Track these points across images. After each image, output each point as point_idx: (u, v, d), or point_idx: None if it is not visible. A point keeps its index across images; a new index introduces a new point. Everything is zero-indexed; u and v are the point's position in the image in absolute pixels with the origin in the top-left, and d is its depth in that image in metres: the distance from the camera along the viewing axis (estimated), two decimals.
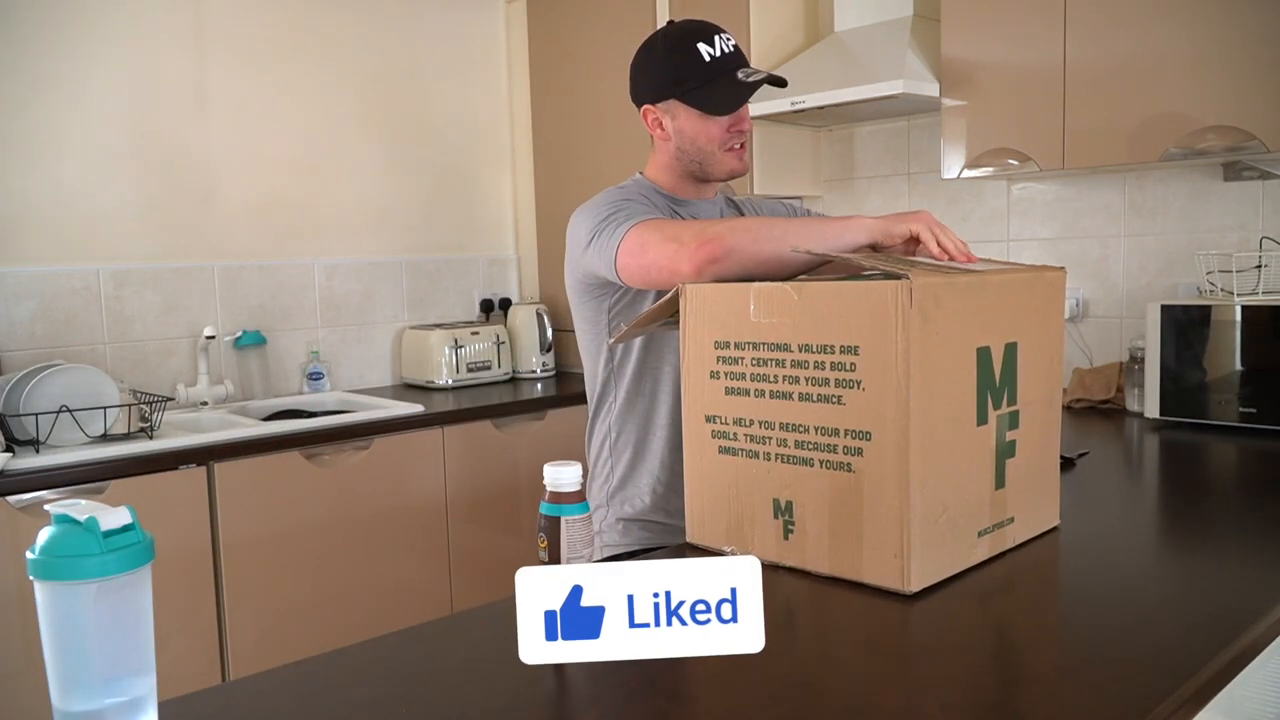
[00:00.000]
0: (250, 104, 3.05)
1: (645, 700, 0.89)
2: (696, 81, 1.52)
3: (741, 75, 1.53)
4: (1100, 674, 0.91)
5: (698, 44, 1.52)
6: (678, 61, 1.52)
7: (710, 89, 1.52)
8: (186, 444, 2.37)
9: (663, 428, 1.60)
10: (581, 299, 1.60)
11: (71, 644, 0.77)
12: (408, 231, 3.45)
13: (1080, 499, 1.55)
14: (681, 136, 1.56)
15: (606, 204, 1.51)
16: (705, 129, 1.55)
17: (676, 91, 1.53)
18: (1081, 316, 2.64)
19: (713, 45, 1.52)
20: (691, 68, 1.52)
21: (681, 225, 1.40)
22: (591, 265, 1.50)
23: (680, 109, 1.55)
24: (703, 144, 1.56)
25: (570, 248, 1.56)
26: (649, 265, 1.39)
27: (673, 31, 1.55)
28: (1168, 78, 2.11)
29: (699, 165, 1.59)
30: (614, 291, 1.56)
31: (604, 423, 1.66)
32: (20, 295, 2.64)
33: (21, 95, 2.63)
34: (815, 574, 1.18)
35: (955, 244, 1.31)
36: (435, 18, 3.50)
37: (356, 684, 0.95)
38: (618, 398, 1.63)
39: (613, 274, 1.46)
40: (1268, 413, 2.03)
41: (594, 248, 1.48)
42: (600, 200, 1.54)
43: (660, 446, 1.60)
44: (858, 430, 1.13)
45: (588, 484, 1.70)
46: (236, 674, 2.42)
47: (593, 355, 1.65)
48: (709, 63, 1.51)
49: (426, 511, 2.79)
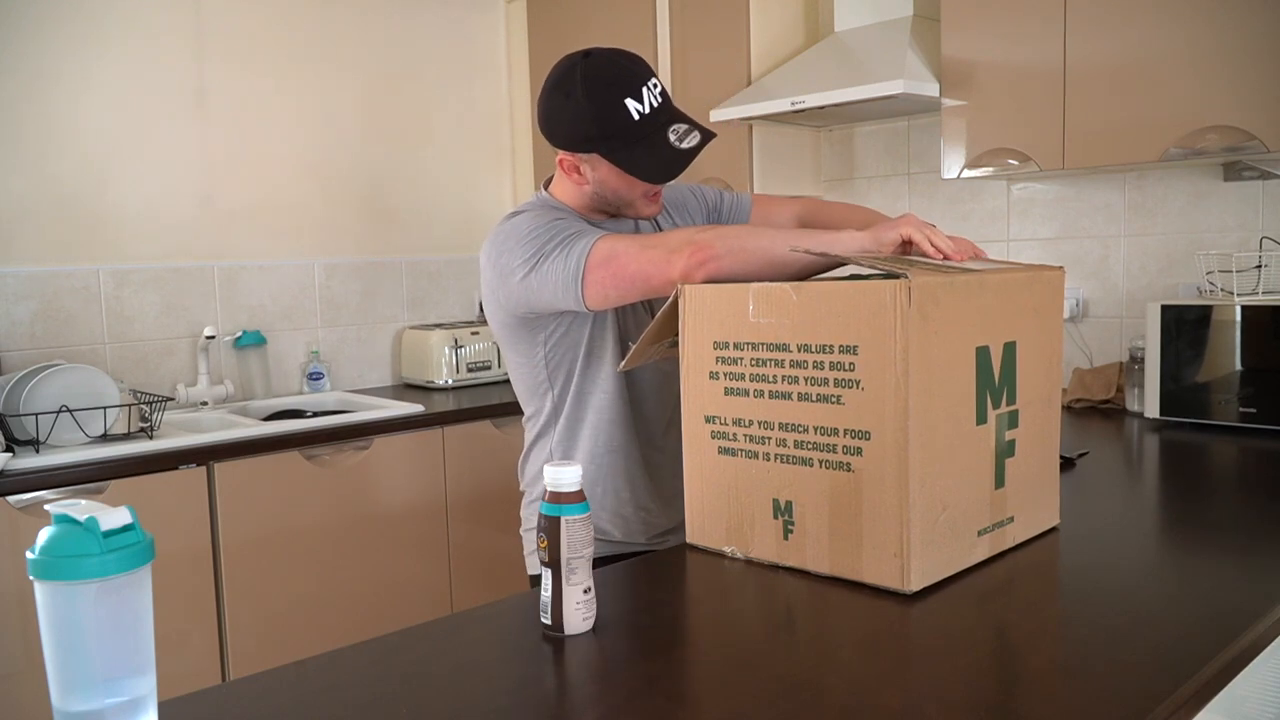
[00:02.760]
0: (250, 104, 3.05)
1: (645, 700, 0.89)
2: (623, 141, 1.39)
3: (674, 138, 1.40)
4: (1100, 674, 0.91)
5: (624, 100, 1.38)
6: (603, 117, 1.38)
7: (639, 152, 1.39)
8: (186, 444, 2.37)
9: (606, 454, 1.55)
10: (515, 334, 1.50)
11: (71, 644, 0.77)
12: (408, 231, 3.45)
13: (1080, 499, 1.55)
14: (603, 186, 1.46)
15: (539, 227, 1.40)
16: (629, 183, 1.44)
17: (601, 149, 1.41)
18: (1081, 316, 2.64)
19: (640, 100, 1.38)
20: (617, 125, 1.38)
21: (654, 235, 1.35)
22: (532, 295, 1.40)
23: (603, 164, 1.43)
24: (624, 194, 1.46)
25: (494, 282, 1.45)
26: (630, 276, 1.31)
27: (594, 79, 1.40)
28: (1168, 78, 2.11)
29: (615, 209, 1.50)
30: (549, 323, 1.48)
31: (544, 450, 1.61)
32: (20, 295, 2.64)
33: (22, 94, 2.63)
34: (815, 574, 1.18)
35: (945, 242, 1.28)
36: (435, 17, 3.50)
37: (356, 684, 0.95)
38: (556, 430, 1.57)
39: (573, 295, 1.36)
40: (1268, 413, 2.03)
41: (540, 274, 1.37)
42: (526, 226, 1.41)
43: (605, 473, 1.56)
44: (857, 430, 1.13)
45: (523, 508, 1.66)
46: (236, 674, 2.42)
47: (530, 390, 1.57)
48: (637, 122, 1.38)
49: (426, 511, 2.79)
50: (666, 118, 1.42)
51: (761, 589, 1.19)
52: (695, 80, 3.03)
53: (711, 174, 3.02)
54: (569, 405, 1.55)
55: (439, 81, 3.52)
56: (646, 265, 1.31)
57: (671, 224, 1.64)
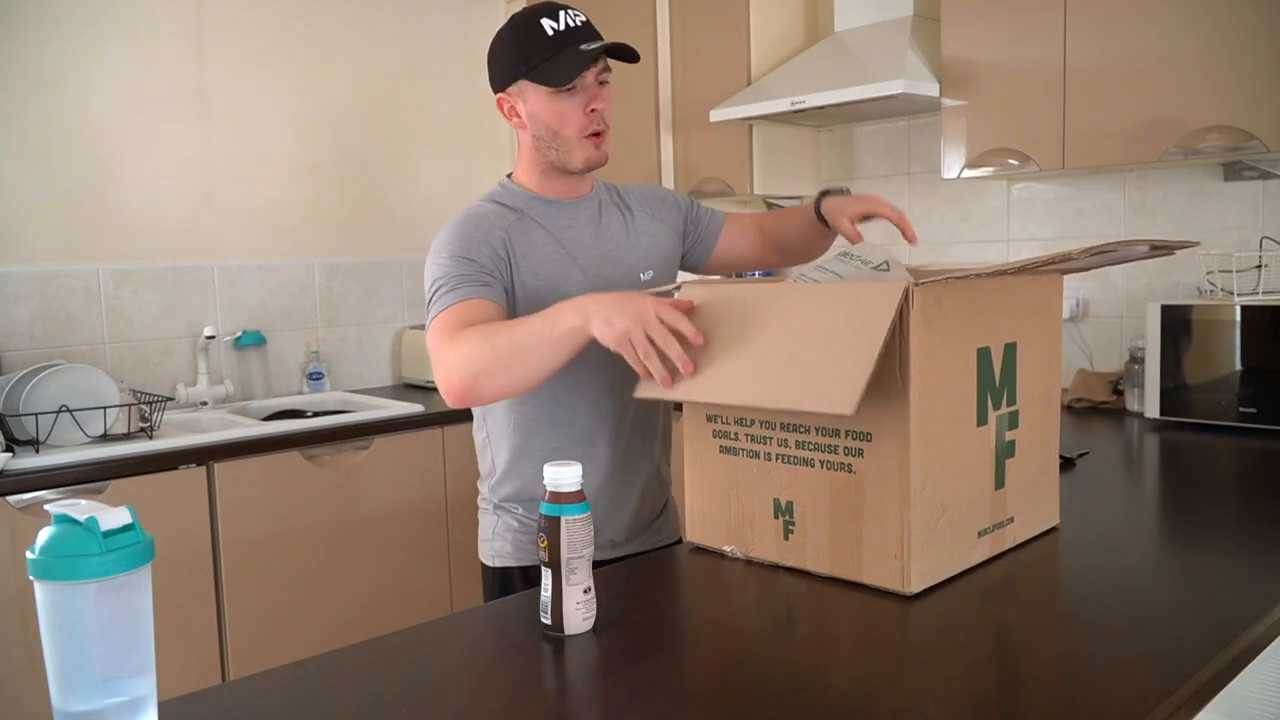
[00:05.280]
0: (250, 104, 3.05)
1: (645, 700, 0.89)
2: (541, 57, 1.44)
3: (584, 46, 1.44)
4: (1100, 674, 0.91)
5: (541, 19, 1.44)
6: (522, 40, 1.45)
7: (553, 63, 1.43)
8: (186, 444, 2.36)
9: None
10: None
11: (71, 644, 0.77)
12: (407, 231, 3.45)
13: (1080, 499, 1.55)
14: (535, 121, 1.49)
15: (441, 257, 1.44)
16: (557, 110, 1.46)
17: (523, 70, 1.45)
18: (1081, 316, 2.64)
19: (557, 20, 1.44)
20: (535, 44, 1.44)
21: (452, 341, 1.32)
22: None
23: (530, 90, 1.46)
24: (557, 128, 1.47)
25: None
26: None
27: (519, 14, 1.48)
28: (1168, 78, 2.11)
29: (555, 154, 1.50)
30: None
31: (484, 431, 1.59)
32: (20, 295, 2.64)
33: (22, 94, 2.63)
34: (815, 574, 1.18)
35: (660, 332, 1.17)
36: (435, 17, 3.50)
37: (356, 684, 0.95)
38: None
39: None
40: (1268, 413, 2.03)
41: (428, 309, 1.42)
42: (442, 241, 1.47)
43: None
44: (858, 431, 1.13)
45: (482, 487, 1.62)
46: (236, 674, 2.42)
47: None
48: (552, 36, 1.43)
49: (426, 511, 2.79)
50: (582, 36, 1.45)
51: (762, 589, 1.19)
52: (695, 80, 3.03)
53: (711, 174, 3.02)
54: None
55: (439, 81, 3.52)
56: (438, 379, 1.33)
57: (649, 221, 1.62)
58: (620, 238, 1.57)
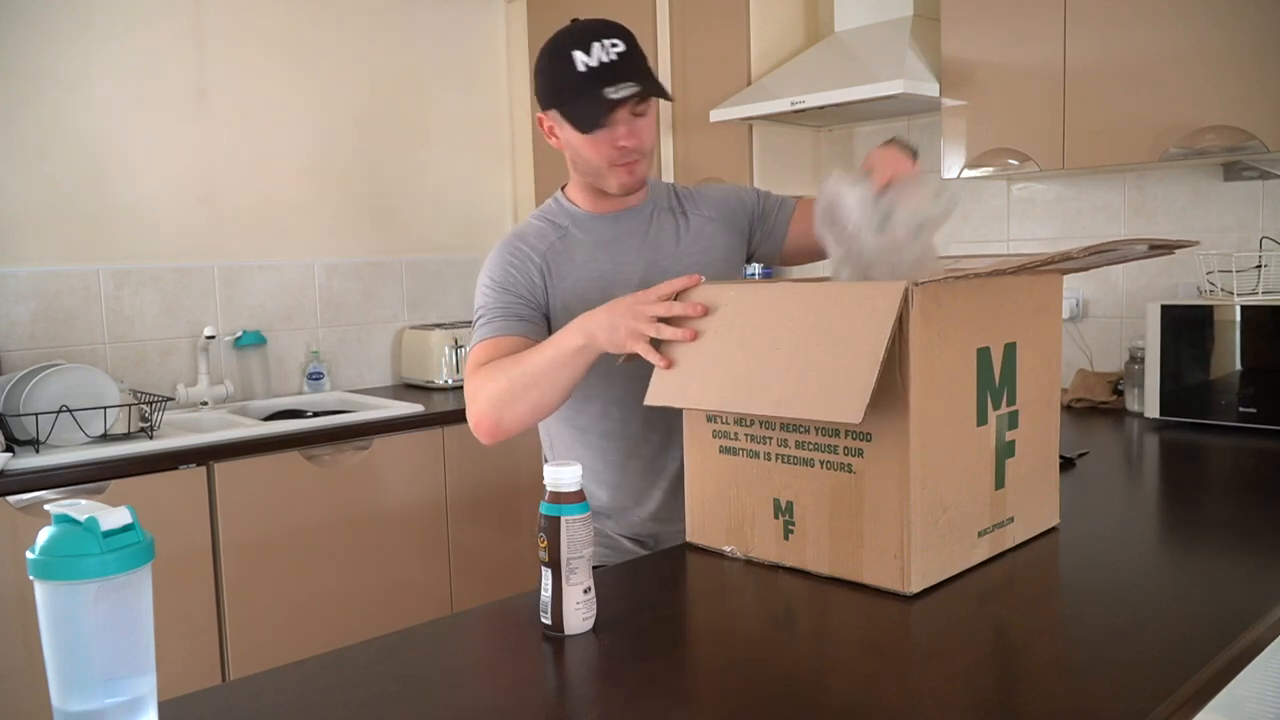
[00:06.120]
0: (250, 104, 3.05)
1: (645, 700, 0.89)
2: (570, 94, 1.41)
3: (608, 91, 1.39)
4: (1100, 674, 0.91)
5: (573, 53, 1.39)
6: (554, 72, 1.42)
7: (578, 103, 1.41)
8: (186, 444, 2.37)
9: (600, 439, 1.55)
10: None
11: (71, 644, 0.77)
12: (408, 231, 3.45)
13: (1080, 499, 1.55)
14: (571, 149, 1.48)
15: (484, 283, 1.50)
16: (587, 143, 1.44)
17: (555, 103, 1.44)
18: (1081, 316, 2.64)
19: (589, 53, 1.39)
20: (566, 79, 1.41)
21: (475, 379, 1.40)
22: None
23: (562, 120, 1.45)
24: (588, 158, 1.46)
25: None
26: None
27: (560, 37, 1.44)
28: (1168, 78, 2.11)
29: (592, 179, 1.50)
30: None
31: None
32: (20, 295, 2.64)
33: (22, 94, 2.63)
34: (815, 574, 1.18)
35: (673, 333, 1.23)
36: (435, 17, 3.50)
37: (356, 684, 0.95)
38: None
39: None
40: (1268, 413, 2.03)
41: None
42: (488, 266, 1.51)
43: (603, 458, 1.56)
44: (858, 431, 1.13)
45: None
46: (236, 674, 2.42)
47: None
48: (580, 74, 1.39)
49: (426, 511, 2.79)
50: (611, 75, 1.40)
51: (761, 589, 1.19)
52: (695, 80, 3.03)
53: (711, 174, 3.02)
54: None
55: (439, 81, 3.52)
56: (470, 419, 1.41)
57: (705, 224, 1.59)
58: (669, 246, 1.55)
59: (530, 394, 1.34)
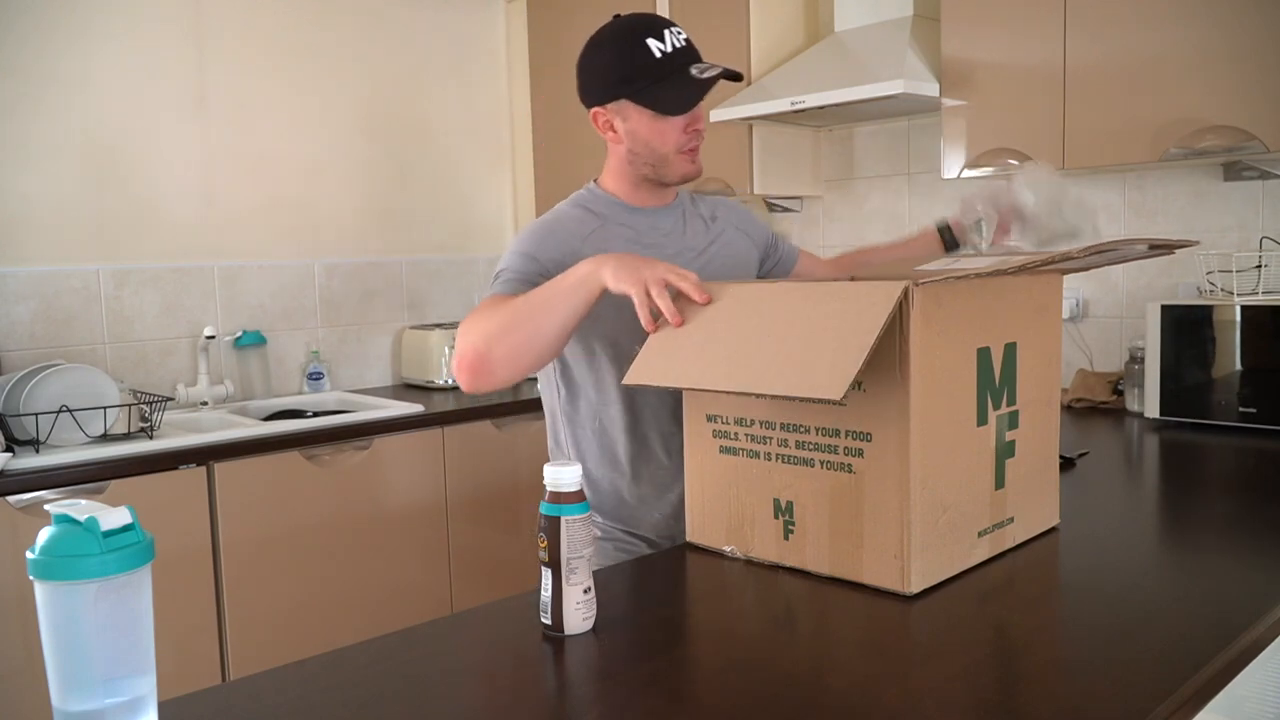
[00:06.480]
0: (251, 104, 3.05)
1: (645, 700, 0.89)
2: (647, 80, 1.43)
3: (695, 71, 1.44)
4: (1100, 674, 0.91)
5: (647, 39, 1.42)
6: (627, 59, 1.43)
7: (662, 87, 1.43)
8: (186, 444, 2.36)
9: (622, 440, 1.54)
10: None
11: (71, 644, 0.77)
12: (408, 231, 3.45)
13: (1080, 499, 1.55)
14: (634, 139, 1.48)
15: (512, 250, 1.47)
16: (659, 130, 1.46)
17: (627, 91, 1.44)
18: (1081, 316, 2.64)
19: (663, 40, 1.42)
20: (642, 65, 1.42)
21: (479, 314, 1.36)
22: None
23: (632, 110, 1.46)
24: (656, 146, 1.47)
25: None
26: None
27: (620, 27, 1.46)
28: (1168, 78, 2.11)
29: (652, 169, 1.50)
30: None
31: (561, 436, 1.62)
32: (20, 295, 2.64)
33: (21, 95, 2.63)
34: (815, 574, 1.18)
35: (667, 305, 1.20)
36: (435, 17, 3.50)
37: (356, 684, 0.95)
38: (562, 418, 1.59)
39: None
40: (1268, 413, 2.03)
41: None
42: (519, 238, 1.48)
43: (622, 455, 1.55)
44: (858, 431, 1.13)
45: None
46: (236, 674, 2.42)
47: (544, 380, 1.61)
48: (660, 59, 1.42)
49: (426, 511, 2.79)
50: (689, 58, 1.45)
51: (761, 589, 1.19)
52: None
53: (711, 174, 3.02)
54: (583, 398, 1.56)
55: (439, 81, 3.52)
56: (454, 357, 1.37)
57: (734, 232, 1.63)
58: (699, 246, 1.57)
59: (526, 327, 1.29)
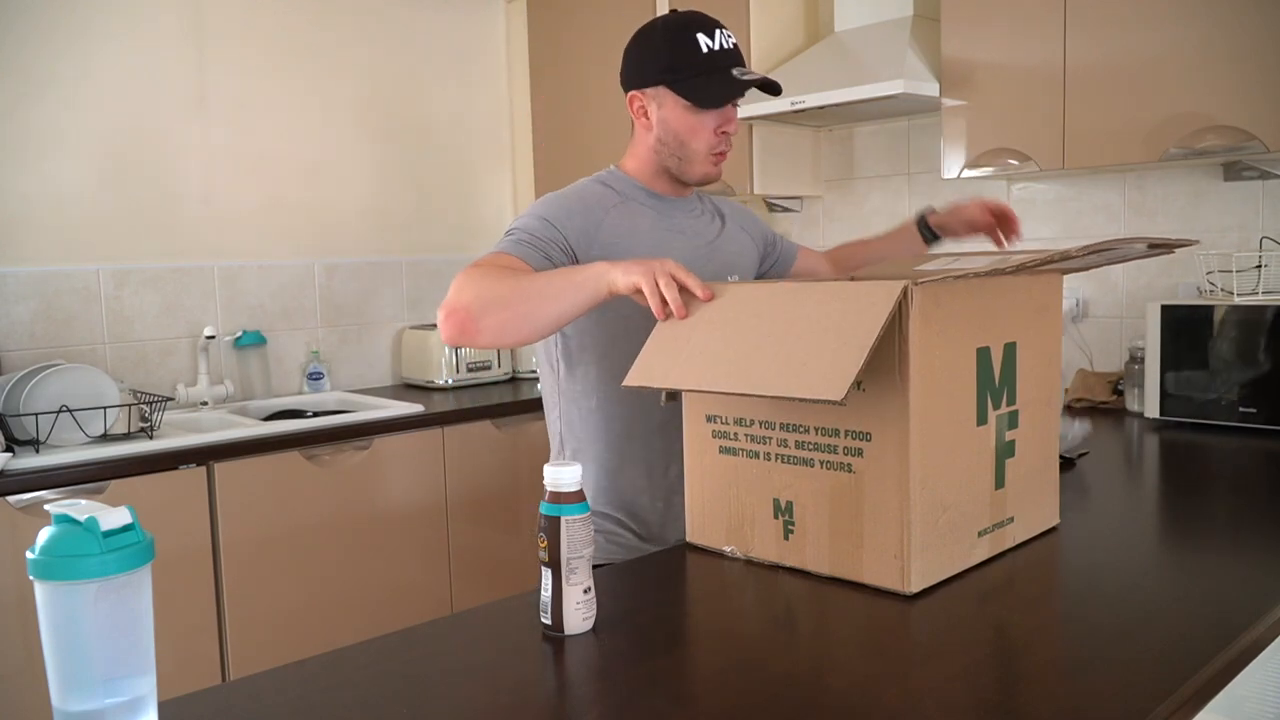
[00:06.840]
0: (250, 104, 3.05)
1: (645, 700, 0.89)
2: (690, 72, 1.47)
3: (737, 73, 1.48)
4: (1100, 674, 0.91)
5: (697, 34, 1.47)
6: (675, 49, 1.47)
7: (703, 81, 1.47)
8: (186, 444, 2.36)
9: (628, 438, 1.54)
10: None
11: (71, 644, 0.77)
12: (408, 231, 3.45)
13: (1080, 499, 1.55)
14: (665, 127, 1.51)
15: (527, 213, 1.47)
16: (691, 125, 1.49)
17: (668, 79, 1.48)
18: (1081, 316, 2.64)
19: (713, 38, 1.47)
20: (687, 57, 1.46)
21: (483, 273, 1.33)
22: None
23: (669, 98, 1.49)
24: (686, 139, 1.50)
25: None
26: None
27: (674, 19, 1.51)
28: (1167, 78, 2.11)
29: (676, 161, 1.53)
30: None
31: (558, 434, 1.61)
32: (20, 295, 2.64)
33: (20, 95, 2.63)
34: (815, 574, 1.18)
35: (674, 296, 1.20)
36: (435, 17, 3.50)
37: (357, 684, 0.95)
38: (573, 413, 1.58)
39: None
40: (1268, 413, 2.03)
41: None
42: (538, 203, 1.49)
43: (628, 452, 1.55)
44: (858, 431, 1.13)
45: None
46: (236, 674, 2.41)
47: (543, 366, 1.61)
48: (706, 55, 1.46)
49: (426, 511, 2.79)
50: (734, 60, 1.49)
51: (761, 589, 1.19)
52: None
53: None
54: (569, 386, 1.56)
55: (439, 81, 3.52)
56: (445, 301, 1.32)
57: (740, 231, 1.67)
58: (711, 240, 1.61)
59: (522, 307, 1.28)
